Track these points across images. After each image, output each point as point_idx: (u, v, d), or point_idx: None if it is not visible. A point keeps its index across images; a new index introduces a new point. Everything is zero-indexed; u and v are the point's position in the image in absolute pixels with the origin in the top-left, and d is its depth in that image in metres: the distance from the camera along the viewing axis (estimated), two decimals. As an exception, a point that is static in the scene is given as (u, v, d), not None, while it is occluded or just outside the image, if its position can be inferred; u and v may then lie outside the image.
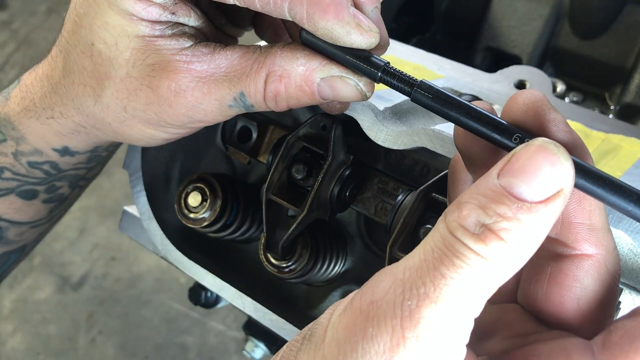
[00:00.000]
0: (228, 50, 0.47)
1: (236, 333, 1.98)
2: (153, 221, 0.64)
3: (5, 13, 2.98)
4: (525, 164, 0.29)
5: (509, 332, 0.36)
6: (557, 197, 0.29)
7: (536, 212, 0.29)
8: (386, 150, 0.60)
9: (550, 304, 0.35)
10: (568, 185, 0.29)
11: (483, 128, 0.35)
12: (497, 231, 0.28)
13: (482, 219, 0.29)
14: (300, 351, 0.32)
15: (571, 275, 0.34)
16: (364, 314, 0.29)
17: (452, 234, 0.29)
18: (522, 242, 0.29)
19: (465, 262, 0.28)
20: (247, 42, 0.53)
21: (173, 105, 0.47)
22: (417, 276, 0.29)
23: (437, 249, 0.29)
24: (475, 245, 0.28)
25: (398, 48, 0.79)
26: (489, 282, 0.29)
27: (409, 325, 0.28)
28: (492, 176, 0.30)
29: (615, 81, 0.90)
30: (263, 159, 0.66)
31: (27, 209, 0.65)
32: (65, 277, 2.17)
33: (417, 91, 0.40)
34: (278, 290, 0.68)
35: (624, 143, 0.57)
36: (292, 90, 0.45)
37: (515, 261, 0.29)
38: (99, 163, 0.66)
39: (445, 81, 0.68)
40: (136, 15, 0.45)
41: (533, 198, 0.29)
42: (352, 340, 0.29)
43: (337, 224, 0.66)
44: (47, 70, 0.55)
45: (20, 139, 0.59)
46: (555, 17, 0.92)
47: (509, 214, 0.28)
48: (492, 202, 0.29)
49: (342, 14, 0.41)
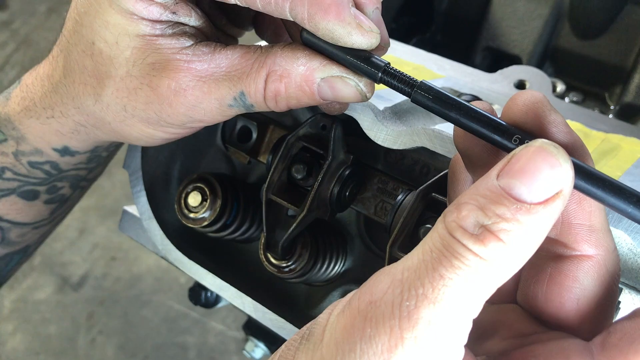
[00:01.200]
0: (229, 49, 0.47)
1: (236, 333, 1.98)
2: (153, 221, 0.64)
3: (5, 13, 2.98)
4: (525, 166, 0.29)
5: (508, 332, 0.36)
6: (556, 199, 0.29)
7: (535, 213, 0.29)
8: (386, 150, 0.60)
9: (550, 305, 0.35)
10: (567, 186, 0.29)
11: (483, 129, 0.35)
12: (496, 232, 0.28)
13: (481, 219, 0.29)
14: (298, 351, 0.32)
15: (571, 276, 0.34)
16: (362, 315, 0.30)
17: (451, 234, 0.29)
18: (521, 243, 0.29)
19: (464, 263, 0.28)
20: (248, 42, 0.53)
21: (173, 104, 0.47)
22: (416, 277, 0.29)
23: (435, 250, 0.29)
24: (474, 246, 0.28)
25: (398, 48, 0.79)
26: (487, 283, 0.29)
27: (407, 325, 0.28)
28: (492, 177, 0.30)
29: (615, 81, 0.90)
30: (263, 159, 0.66)
31: (28, 210, 0.65)
32: (65, 277, 2.17)
33: (417, 92, 0.40)
34: (278, 290, 0.68)
35: (624, 143, 0.57)
36: (292, 90, 0.45)
37: (514, 262, 0.29)
38: (100, 164, 0.66)
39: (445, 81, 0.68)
40: (137, 14, 0.45)
41: (532, 199, 0.29)
42: (350, 340, 0.29)
43: (337, 224, 0.66)
44: (48, 70, 0.55)
45: (21, 139, 0.59)
46: (555, 17, 0.92)
47: (508, 215, 0.29)
48: (491, 203, 0.29)
49: (343, 14, 0.41)
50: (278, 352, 0.34)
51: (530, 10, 0.93)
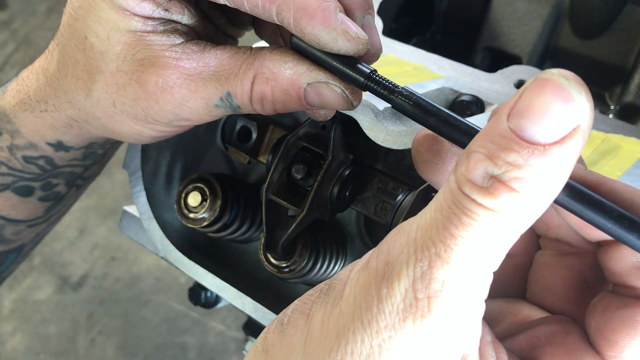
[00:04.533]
0: (218, 49, 0.47)
1: (236, 333, 1.98)
2: (153, 221, 0.64)
3: (5, 13, 2.98)
4: (534, 102, 0.27)
5: (514, 318, 0.37)
6: (573, 135, 0.26)
7: (551, 155, 0.26)
8: (386, 150, 0.60)
9: (598, 336, 0.33)
10: (585, 121, 0.27)
11: (463, 138, 0.35)
12: (508, 181, 0.27)
13: (490, 169, 0.27)
14: (315, 304, 0.32)
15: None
16: (380, 275, 0.29)
17: (460, 189, 0.28)
18: (537, 191, 0.27)
19: (474, 219, 0.27)
20: (247, 43, 0.53)
21: (159, 101, 0.47)
22: (427, 236, 0.28)
23: (446, 207, 0.28)
24: (484, 199, 0.27)
25: (398, 48, 0.79)
26: (503, 236, 0.28)
27: (421, 287, 0.28)
28: (502, 118, 0.27)
29: (615, 81, 0.90)
30: (263, 159, 0.66)
31: (23, 207, 0.65)
32: (65, 277, 2.17)
33: (397, 97, 0.40)
34: (278, 290, 0.68)
35: (624, 143, 0.57)
36: (278, 94, 0.45)
37: (531, 212, 0.28)
38: (96, 162, 0.66)
39: (445, 81, 0.68)
40: (129, 10, 0.45)
41: (546, 139, 0.26)
42: (367, 299, 0.29)
43: (337, 224, 0.66)
44: (44, 64, 0.56)
45: (15, 132, 0.59)
46: (555, 17, 0.92)
47: (520, 161, 0.26)
48: (500, 149, 0.27)
49: (329, 19, 0.41)
50: (291, 306, 0.34)
51: (530, 10, 0.93)
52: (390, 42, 0.80)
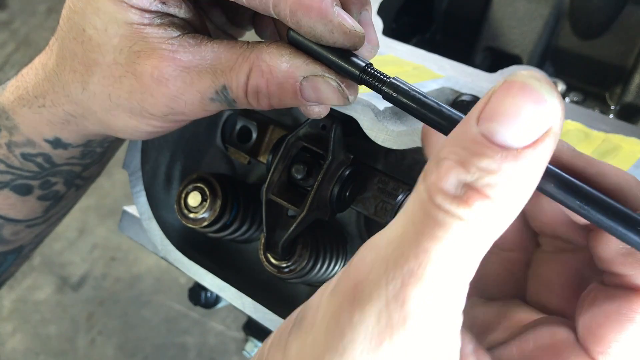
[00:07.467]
0: (215, 42, 0.47)
1: (236, 333, 1.97)
2: (153, 221, 0.64)
3: (5, 13, 2.98)
4: (504, 105, 0.26)
5: (509, 323, 0.36)
6: (545, 138, 0.26)
7: (524, 158, 0.26)
8: (386, 150, 0.60)
9: (587, 332, 0.33)
10: (557, 123, 0.26)
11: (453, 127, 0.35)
12: (481, 189, 0.26)
13: (462, 177, 0.26)
14: (290, 335, 0.31)
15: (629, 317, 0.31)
16: (349, 299, 0.28)
17: (432, 199, 0.26)
18: (511, 196, 0.26)
19: (447, 232, 0.26)
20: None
21: (154, 93, 0.47)
22: (399, 252, 0.27)
23: (417, 219, 0.27)
24: (458, 209, 0.26)
25: (398, 48, 0.79)
26: (478, 246, 0.27)
27: (395, 307, 0.26)
28: (471, 123, 0.26)
29: (615, 81, 0.90)
30: (263, 159, 0.66)
31: (21, 206, 0.65)
32: (65, 277, 2.17)
33: (388, 89, 0.40)
34: (278, 290, 0.68)
35: (624, 143, 0.57)
36: (273, 88, 0.45)
37: (505, 218, 0.27)
38: (94, 161, 0.66)
39: (445, 81, 0.68)
40: (127, 2, 0.46)
41: (519, 143, 0.25)
42: (340, 325, 0.27)
43: (337, 224, 0.66)
44: (43, 59, 0.56)
45: (14, 129, 0.59)
46: (555, 17, 0.92)
47: (493, 166, 0.25)
48: (472, 155, 0.26)
49: (325, 12, 0.41)
50: (269, 340, 0.33)
51: (530, 10, 0.93)
52: (390, 42, 0.80)
